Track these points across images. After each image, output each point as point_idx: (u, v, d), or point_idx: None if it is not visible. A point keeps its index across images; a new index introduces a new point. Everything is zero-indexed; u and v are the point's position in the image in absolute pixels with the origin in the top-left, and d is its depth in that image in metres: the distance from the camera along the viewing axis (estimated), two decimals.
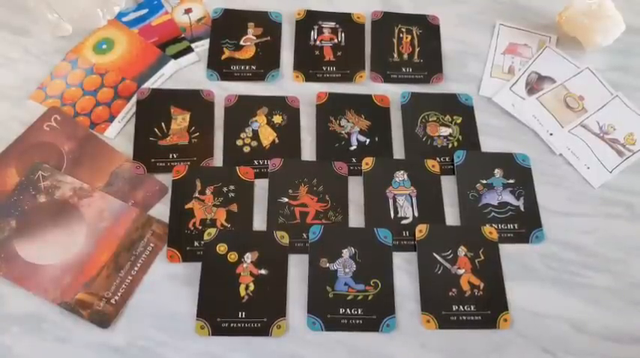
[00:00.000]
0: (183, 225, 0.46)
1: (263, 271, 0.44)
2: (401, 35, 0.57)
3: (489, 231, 0.46)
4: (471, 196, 0.48)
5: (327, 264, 0.44)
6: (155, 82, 0.52)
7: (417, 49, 0.56)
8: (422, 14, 0.58)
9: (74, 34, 0.54)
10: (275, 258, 0.44)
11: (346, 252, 0.45)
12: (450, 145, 0.51)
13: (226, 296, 0.43)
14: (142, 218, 0.46)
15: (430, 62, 0.55)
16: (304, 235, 0.45)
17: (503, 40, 0.57)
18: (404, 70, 0.55)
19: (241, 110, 0.51)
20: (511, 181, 0.49)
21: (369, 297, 0.43)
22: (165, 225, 0.46)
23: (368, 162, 0.49)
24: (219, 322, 0.42)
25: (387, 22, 0.57)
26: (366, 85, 0.54)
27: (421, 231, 0.46)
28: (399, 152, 0.50)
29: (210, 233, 0.45)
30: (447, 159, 0.50)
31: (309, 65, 0.54)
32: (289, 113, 0.51)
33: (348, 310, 0.43)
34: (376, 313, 0.43)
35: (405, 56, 0.55)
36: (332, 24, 0.57)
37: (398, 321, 0.43)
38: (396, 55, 0.55)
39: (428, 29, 0.57)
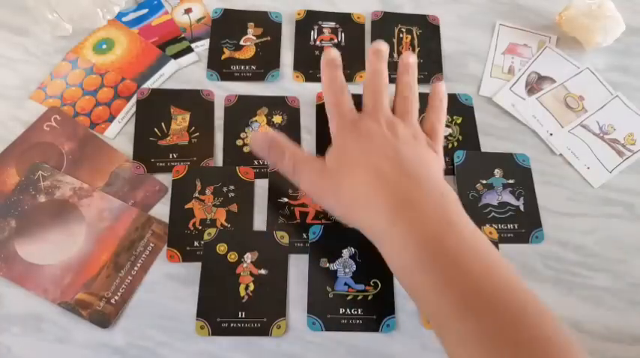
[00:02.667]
0: (183, 225, 0.46)
1: (263, 271, 0.44)
2: (401, 35, 0.57)
3: (489, 231, 0.46)
4: (470, 196, 0.48)
5: (327, 264, 0.44)
6: (155, 82, 0.52)
7: (416, 49, 0.56)
8: (422, 14, 0.58)
9: (74, 34, 0.54)
10: (275, 257, 0.44)
11: (346, 252, 0.45)
12: (450, 145, 0.51)
13: (226, 296, 0.43)
14: (142, 218, 0.46)
15: (430, 62, 0.55)
16: (304, 235, 0.45)
17: (503, 40, 0.57)
18: None
19: (241, 110, 0.51)
20: (511, 181, 0.49)
21: (369, 297, 0.43)
22: (165, 225, 0.46)
23: None
24: (219, 322, 0.42)
25: (386, 22, 0.57)
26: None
27: None
28: None
29: (210, 233, 0.45)
30: (446, 159, 0.50)
31: (309, 65, 0.54)
32: (289, 113, 0.51)
33: (347, 310, 0.43)
34: (376, 313, 0.43)
35: None
36: (332, 24, 0.57)
37: (398, 321, 0.43)
38: (396, 55, 0.55)
39: (428, 29, 0.57)
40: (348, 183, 0.39)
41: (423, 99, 0.52)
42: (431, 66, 0.55)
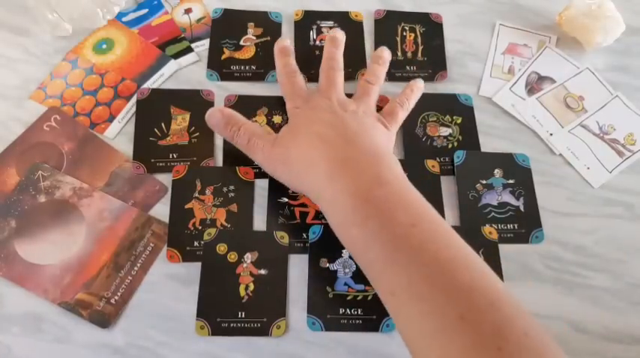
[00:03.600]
0: (183, 225, 0.46)
1: (263, 271, 0.44)
2: (404, 33, 0.57)
3: (489, 231, 0.46)
4: (470, 196, 0.48)
5: (327, 264, 0.44)
6: (155, 82, 0.52)
7: (420, 47, 0.56)
8: (424, 12, 0.58)
9: (74, 34, 0.54)
10: (275, 257, 0.44)
11: (346, 252, 0.45)
12: (450, 145, 0.51)
13: (226, 296, 0.43)
14: (142, 218, 0.46)
15: (434, 60, 0.55)
16: (304, 235, 0.45)
17: (503, 40, 0.57)
18: (408, 68, 0.55)
19: (241, 110, 0.51)
20: (511, 181, 0.49)
21: (369, 297, 0.43)
22: (165, 225, 0.46)
23: None
24: (219, 322, 0.42)
25: (389, 20, 0.57)
26: None
27: None
28: (399, 152, 0.50)
29: (210, 233, 0.45)
30: (446, 159, 0.50)
31: (310, 66, 0.54)
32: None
33: (347, 310, 0.43)
34: (376, 313, 0.43)
35: (409, 54, 0.56)
36: (330, 23, 0.57)
37: None
38: (399, 54, 0.55)
39: (431, 27, 0.57)
40: (296, 149, 0.42)
41: (423, 99, 0.53)
42: (435, 63, 0.55)
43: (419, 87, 0.50)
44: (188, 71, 0.54)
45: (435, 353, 0.32)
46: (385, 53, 0.50)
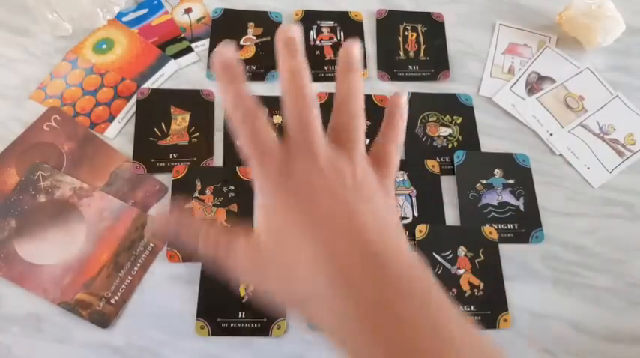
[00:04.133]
0: None
1: None
2: (406, 33, 0.57)
3: (489, 231, 0.46)
4: (470, 196, 0.48)
5: None
6: (155, 82, 0.52)
7: (422, 47, 0.56)
8: (426, 12, 0.58)
9: (74, 34, 0.54)
10: None
11: None
12: (450, 145, 0.51)
13: (226, 296, 0.43)
14: (142, 218, 0.46)
15: (436, 59, 0.55)
16: None
17: (503, 40, 0.57)
18: (410, 68, 0.55)
19: None
20: (511, 181, 0.49)
21: None
22: None
23: None
24: (219, 322, 0.42)
25: (391, 20, 0.57)
26: (369, 83, 0.54)
27: (421, 231, 0.46)
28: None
29: None
30: (446, 159, 0.50)
31: (311, 65, 0.54)
32: None
33: None
34: None
35: (412, 54, 0.56)
36: (330, 23, 0.57)
37: None
38: (402, 54, 0.55)
39: (432, 26, 0.57)
40: (294, 270, 0.27)
41: (423, 99, 0.53)
42: (437, 63, 0.55)
43: (404, 104, 0.34)
44: (188, 71, 0.54)
45: None
46: (355, 49, 0.32)
